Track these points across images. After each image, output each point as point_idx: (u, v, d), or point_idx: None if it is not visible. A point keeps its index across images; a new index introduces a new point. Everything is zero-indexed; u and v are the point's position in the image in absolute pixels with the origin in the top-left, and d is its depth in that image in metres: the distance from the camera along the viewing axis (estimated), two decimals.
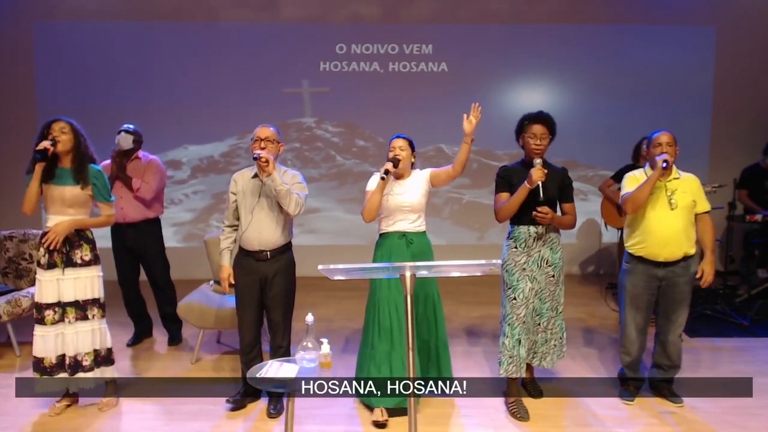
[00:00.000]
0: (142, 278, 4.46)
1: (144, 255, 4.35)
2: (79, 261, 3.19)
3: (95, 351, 3.26)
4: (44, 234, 3.16)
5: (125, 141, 4.19)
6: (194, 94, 6.50)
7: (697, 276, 3.33)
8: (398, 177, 3.33)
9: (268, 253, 3.21)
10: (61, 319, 3.18)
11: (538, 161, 3.14)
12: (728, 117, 6.74)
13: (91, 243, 3.25)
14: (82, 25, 6.43)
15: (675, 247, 3.22)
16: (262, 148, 3.11)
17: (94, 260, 3.25)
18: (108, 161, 4.27)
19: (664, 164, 3.13)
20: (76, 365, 3.21)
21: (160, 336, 4.58)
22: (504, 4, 6.66)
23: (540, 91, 6.63)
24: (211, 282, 4.38)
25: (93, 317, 3.24)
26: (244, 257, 3.26)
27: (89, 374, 3.23)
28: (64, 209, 3.15)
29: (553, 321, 3.35)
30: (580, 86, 6.68)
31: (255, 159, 3.02)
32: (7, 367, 4.01)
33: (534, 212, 3.10)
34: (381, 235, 3.37)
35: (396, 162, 3.21)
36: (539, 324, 3.33)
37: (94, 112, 6.23)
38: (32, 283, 4.48)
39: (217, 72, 6.53)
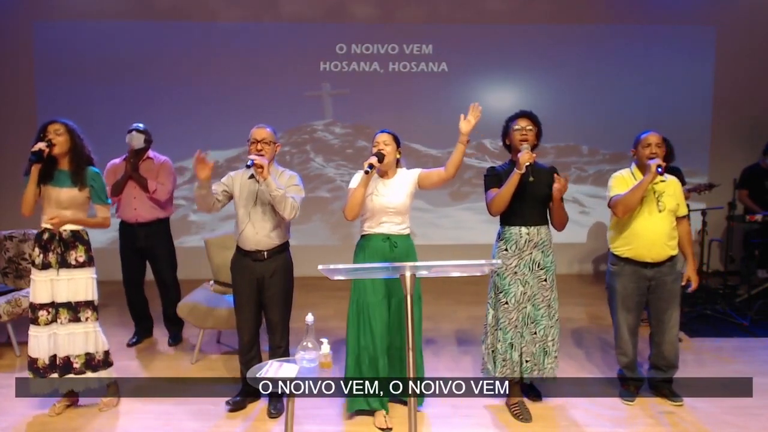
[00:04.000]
0: (146, 278, 4.47)
1: (153, 254, 4.36)
2: (73, 262, 3.17)
3: (87, 354, 3.22)
4: (39, 234, 3.18)
5: (137, 140, 4.20)
6: (194, 95, 6.48)
7: (683, 283, 3.39)
8: (382, 175, 3.20)
9: (265, 253, 3.20)
10: (54, 320, 3.16)
11: (525, 146, 3.06)
12: (728, 117, 6.74)
13: (86, 244, 3.24)
14: (82, 25, 6.43)
15: (660, 248, 3.25)
16: (259, 150, 3.09)
17: (89, 262, 3.23)
18: (117, 160, 4.29)
19: (659, 169, 3.11)
20: (66, 366, 3.18)
21: (160, 336, 4.58)
22: (504, 4, 6.66)
23: (540, 91, 6.61)
24: (211, 282, 4.38)
25: (86, 320, 3.20)
26: (242, 257, 3.25)
27: (79, 377, 3.19)
28: (60, 211, 3.15)
29: (551, 330, 3.21)
30: (580, 86, 6.67)
31: (248, 166, 2.99)
32: (7, 367, 4.01)
33: (555, 181, 3.03)
34: (363, 236, 3.25)
35: (381, 157, 3.07)
36: (535, 333, 3.19)
37: (94, 112, 6.24)
38: None
39: (217, 73, 6.51)
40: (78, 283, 3.18)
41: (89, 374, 3.22)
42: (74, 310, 3.18)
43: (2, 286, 4.38)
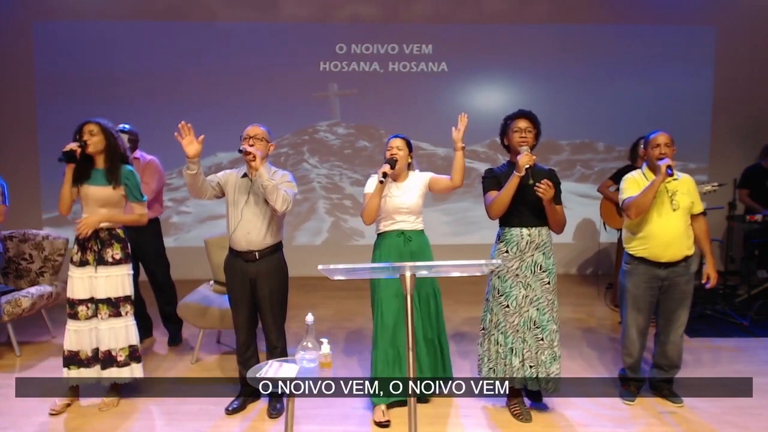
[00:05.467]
0: (142, 278, 4.46)
1: (144, 255, 4.34)
2: (110, 259, 3.27)
3: (131, 347, 3.34)
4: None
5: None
6: (196, 96, 6.46)
7: (703, 281, 3.37)
8: (395, 178, 3.30)
9: (257, 253, 3.18)
10: (95, 315, 3.26)
11: (525, 148, 3.04)
12: (728, 117, 6.74)
13: (122, 242, 3.33)
14: (82, 25, 6.43)
15: (676, 248, 3.22)
16: (251, 145, 3.10)
17: (125, 259, 3.33)
18: None
19: (669, 170, 3.09)
20: (109, 359, 3.28)
21: (160, 336, 4.58)
22: (504, 4, 6.66)
23: (540, 91, 6.62)
24: (211, 282, 4.38)
25: (126, 314, 3.33)
26: (234, 258, 3.25)
27: (124, 369, 3.31)
28: (96, 209, 3.24)
29: (556, 335, 3.17)
30: (580, 86, 6.67)
31: (240, 152, 2.99)
32: (7, 367, 4.01)
33: (535, 186, 2.93)
34: (379, 234, 3.36)
35: (393, 163, 3.18)
36: (542, 339, 3.12)
37: (94, 113, 6.21)
38: (32, 283, 4.48)
39: (217, 73, 6.52)
40: (116, 280, 3.29)
41: (134, 366, 3.35)
42: (114, 305, 3.28)
43: (2, 286, 4.37)
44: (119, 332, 3.30)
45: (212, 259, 4.22)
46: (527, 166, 2.96)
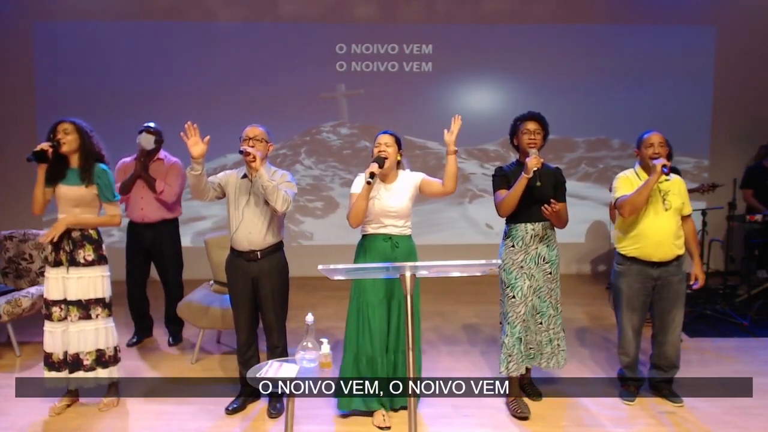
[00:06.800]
0: (148, 278, 4.47)
1: (159, 255, 4.36)
2: (82, 261, 3.22)
3: (98, 351, 3.28)
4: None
5: (147, 141, 4.20)
6: (198, 97, 6.44)
7: (691, 282, 3.41)
8: (384, 179, 3.15)
9: (259, 253, 3.19)
10: (66, 317, 3.22)
11: (533, 151, 3.13)
12: (728, 117, 6.74)
13: (95, 243, 3.27)
14: (82, 25, 6.43)
15: (667, 248, 3.25)
16: (251, 146, 3.09)
17: (98, 260, 3.27)
18: (128, 159, 4.29)
19: (665, 169, 3.12)
20: (75, 363, 3.23)
21: (160, 336, 4.58)
22: (504, 4, 6.66)
23: (540, 92, 6.61)
24: (211, 282, 4.38)
25: (97, 317, 3.26)
26: (235, 258, 3.25)
27: (89, 374, 3.25)
28: (70, 208, 3.21)
29: (554, 320, 3.32)
30: (580, 86, 6.67)
31: (240, 153, 2.99)
32: (7, 367, 4.01)
33: (543, 207, 3.09)
34: (364, 236, 3.24)
35: (381, 162, 3.02)
36: (541, 323, 3.30)
37: (94, 113, 6.23)
38: (32, 283, 4.48)
39: (220, 74, 6.51)
40: (87, 282, 3.23)
41: (99, 371, 3.28)
42: (84, 307, 3.23)
43: (2, 286, 4.38)
44: (88, 335, 3.23)
45: (212, 259, 4.23)
46: (535, 168, 3.04)
